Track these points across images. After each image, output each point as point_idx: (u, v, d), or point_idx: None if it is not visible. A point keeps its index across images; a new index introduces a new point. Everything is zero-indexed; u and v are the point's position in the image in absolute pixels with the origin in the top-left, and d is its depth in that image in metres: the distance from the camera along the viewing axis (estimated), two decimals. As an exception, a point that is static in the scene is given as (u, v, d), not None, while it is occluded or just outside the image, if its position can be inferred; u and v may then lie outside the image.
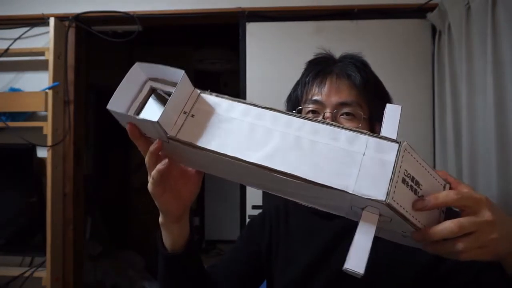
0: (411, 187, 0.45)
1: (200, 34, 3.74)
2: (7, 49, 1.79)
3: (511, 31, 1.16)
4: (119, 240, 3.81)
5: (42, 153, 1.73)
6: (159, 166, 0.56)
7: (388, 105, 0.52)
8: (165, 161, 0.56)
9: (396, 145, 0.46)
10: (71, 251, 1.81)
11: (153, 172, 0.57)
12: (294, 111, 0.78)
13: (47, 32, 1.77)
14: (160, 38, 3.80)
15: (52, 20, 1.74)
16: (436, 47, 1.66)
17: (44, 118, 1.76)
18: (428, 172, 0.48)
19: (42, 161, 1.73)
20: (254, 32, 1.77)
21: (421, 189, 0.46)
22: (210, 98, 0.55)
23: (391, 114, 0.51)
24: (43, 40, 1.83)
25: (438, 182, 0.49)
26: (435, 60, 1.66)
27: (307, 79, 0.78)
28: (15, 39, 1.80)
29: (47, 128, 1.71)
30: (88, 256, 2.92)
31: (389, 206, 0.43)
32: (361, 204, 0.45)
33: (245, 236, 0.89)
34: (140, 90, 0.58)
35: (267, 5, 1.76)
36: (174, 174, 0.60)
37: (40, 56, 1.79)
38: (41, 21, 1.80)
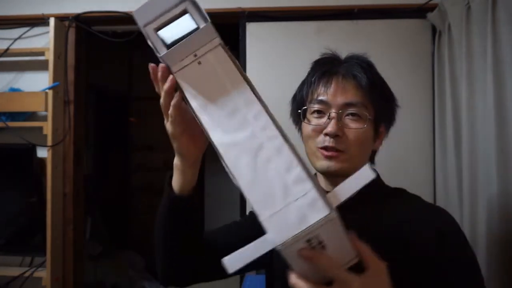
0: (313, 247, 0.49)
1: (200, 34, 3.74)
2: (7, 49, 1.79)
3: (511, 31, 1.16)
4: (119, 240, 3.81)
5: (42, 153, 1.73)
6: (173, 102, 0.58)
7: (364, 167, 0.53)
8: (177, 94, 0.57)
9: (324, 213, 0.48)
10: (71, 251, 1.81)
11: (170, 110, 0.59)
12: (299, 111, 0.79)
13: (47, 32, 1.77)
14: (160, 38, 3.80)
15: (52, 20, 1.74)
16: (436, 47, 1.66)
17: (44, 118, 1.76)
18: (346, 242, 0.52)
19: (42, 161, 1.73)
20: (254, 32, 1.77)
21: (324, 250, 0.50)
22: (223, 57, 0.54)
23: (361, 176, 0.52)
24: (43, 40, 1.83)
25: (349, 252, 0.53)
26: (435, 60, 1.66)
27: (312, 79, 0.78)
28: (15, 39, 1.81)
29: (47, 128, 1.71)
30: (88, 256, 2.92)
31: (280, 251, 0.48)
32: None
33: (248, 219, 0.88)
34: (174, 7, 0.55)
35: (267, 5, 1.76)
36: (190, 116, 0.59)
37: (40, 56, 1.79)
38: (41, 21, 1.80)
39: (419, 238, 0.69)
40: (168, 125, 0.61)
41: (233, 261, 0.48)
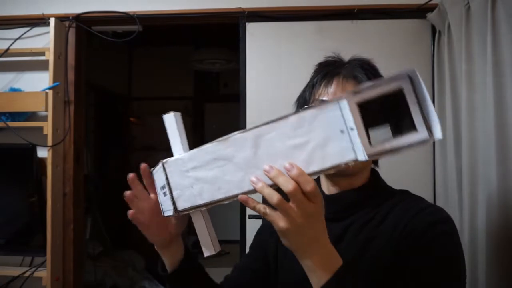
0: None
1: (200, 34, 3.74)
2: (7, 49, 1.79)
3: (511, 31, 1.16)
4: (119, 240, 3.81)
5: (42, 153, 1.73)
6: (130, 214, 0.66)
7: (163, 117, 0.60)
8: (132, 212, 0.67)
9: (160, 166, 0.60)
10: (71, 251, 1.81)
11: (130, 217, 0.67)
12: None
13: (47, 32, 1.77)
14: (160, 38, 3.80)
15: (52, 20, 1.74)
16: (436, 47, 1.66)
17: (44, 118, 1.76)
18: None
19: (42, 161, 1.73)
20: (254, 32, 1.77)
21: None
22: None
23: (169, 125, 0.59)
24: (43, 40, 1.83)
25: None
26: (435, 60, 1.66)
27: (314, 80, 0.80)
28: (15, 39, 1.80)
29: (47, 128, 1.71)
30: (88, 256, 2.92)
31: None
32: None
33: (254, 243, 0.91)
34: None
35: (267, 5, 1.76)
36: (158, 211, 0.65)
37: (40, 56, 1.79)
38: (41, 21, 1.80)
39: (407, 232, 0.69)
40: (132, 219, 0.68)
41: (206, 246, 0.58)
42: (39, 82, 1.81)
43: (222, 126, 4.68)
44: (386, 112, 0.47)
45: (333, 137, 0.46)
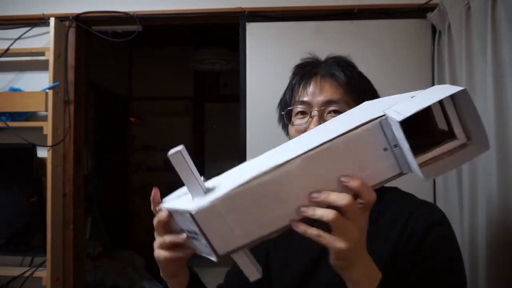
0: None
1: (200, 34, 3.75)
2: (7, 49, 1.79)
3: (511, 31, 1.16)
4: (119, 240, 3.81)
5: (42, 153, 1.73)
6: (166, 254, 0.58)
7: (169, 156, 0.50)
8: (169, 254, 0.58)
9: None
10: (71, 251, 1.81)
11: (158, 256, 0.59)
12: (282, 113, 0.83)
13: (47, 32, 1.77)
14: (160, 38, 3.81)
15: (52, 20, 1.74)
16: (436, 47, 1.66)
17: (44, 118, 1.75)
18: None
19: (42, 161, 1.73)
20: (254, 32, 1.77)
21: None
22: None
23: (177, 163, 0.50)
24: (43, 40, 1.83)
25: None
26: (435, 60, 1.66)
27: (293, 82, 0.82)
28: (15, 39, 1.80)
29: (47, 128, 1.71)
30: (88, 256, 2.92)
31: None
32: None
33: None
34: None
35: (267, 5, 1.76)
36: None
37: (40, 56, 1.79)
38: (41, 21, 1.80)
39: (406, 235, 0.69)
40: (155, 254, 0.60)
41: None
42: (39, 82, 1.81)
43: (222, 126, 4.70)
44: (425, 126, 0.48)
45: (377, 155, 0.46)
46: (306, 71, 0.81)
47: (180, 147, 0.49)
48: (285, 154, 0.48)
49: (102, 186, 3.58)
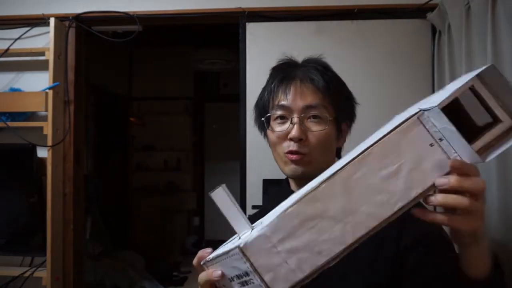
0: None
1: (200, 34, 3.75)
2: (7, 49, 1.79)
3: (511, 31, 1.16)
4: (119, 240, 3.81)
5: (42, 153, 1.73)
6: None
7: (211, 195, 0.48)
8: None
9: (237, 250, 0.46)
10: (71, 251, 1.81)
11: None
12: (262, 119, 0.82)
13: (47, 32, 1.77)
14: (160, 38, 3.81)
15: (52, 20, 1.74)
16: (436, 47, 1.66)
17: (44, 118, 1.76)
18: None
19: (42, 161, 1.73)
20: (254, 32, 1.77)
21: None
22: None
23: (221, 202, 0.48)
24: (43, 40, 1.83)
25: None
26: (435, 60, 1.66)
27: (272, 86, 0.82)
28: (15, 39, 1.80)
29: (47, 128, 1.71)
30: (88, 256, 2.92)
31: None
32: None
33: None
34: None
35: (267, 5, 1.76)
36: None
37: (40, 56, 1.79)
38: (41, 21, 1.80)
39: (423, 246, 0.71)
40: None
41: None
42: (39, 82, 1.81)
43: (222, 126, 4.70)
44: (467, 120, 0.47)
45: (424, 153, 0.45)
46: (284, 74, 0.81)
47: (222, 186, 0.48)
48: (329, 169, 0.47)
49: (102, 186, 3.58)
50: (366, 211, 0.45)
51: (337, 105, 0.78)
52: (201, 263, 0.53)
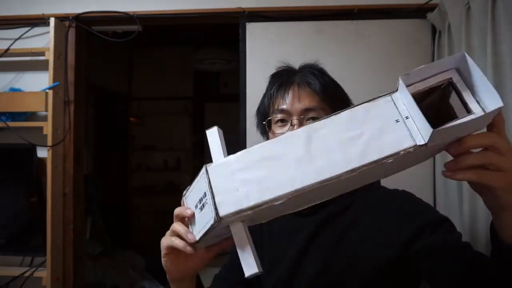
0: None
1: (200, 34, 3.75)
2: (7, 49, 1.79)
3: (511, 31, 1.16)
4: (119, 240, 3.81)
5: (42, 153, 1.73)
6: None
7: (207, 131, 0.56)
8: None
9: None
10: (71, 251, 1.81)
11: (165, 248, 0.62)
12: (264, 123, 0.87)
13: (47, 32, 1.77)
14: (160, 38, 3.81)
15: (52, 20, 1.74)
16: (436, 47, 1.66)
17: (44, 118, 1.76)
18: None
19: (42, 161, 1.73)
20: (254, 32, 1.77)
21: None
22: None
23: (212, 137, 0.56)
24: (43, 40, 1.83)
25: None
26: (435, 60, 1.66)
27: (271, 91, 0.86)
28: (15, 39, 1.80)
29: (47, 128, 1.71)
30: (88, 256, 2.92)
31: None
32: None
33: (235, 253, 0.92)
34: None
35: (267, 5, 1.76)
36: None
37: (40, 56, 1.79)
38: (41, 21, 1.80)
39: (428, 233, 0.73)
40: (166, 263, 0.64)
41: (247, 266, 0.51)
42: (39, 82, 1.81)
43: (222, 126, 4.69)
44: (438, 104, 0.49)
45: (388, 127, 0.47)
46: (283, 80, 0.85)
47: (218, 128, 0.56)
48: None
49: (102, 186, 3.58)
50: (320, 164, 0.48)
51: (334, 106, 0.81)
52: (183, 196, 0.60)
